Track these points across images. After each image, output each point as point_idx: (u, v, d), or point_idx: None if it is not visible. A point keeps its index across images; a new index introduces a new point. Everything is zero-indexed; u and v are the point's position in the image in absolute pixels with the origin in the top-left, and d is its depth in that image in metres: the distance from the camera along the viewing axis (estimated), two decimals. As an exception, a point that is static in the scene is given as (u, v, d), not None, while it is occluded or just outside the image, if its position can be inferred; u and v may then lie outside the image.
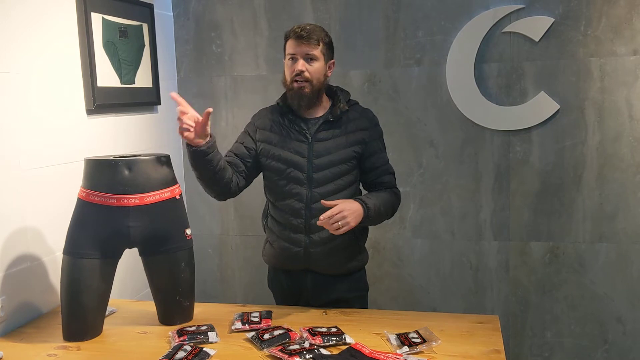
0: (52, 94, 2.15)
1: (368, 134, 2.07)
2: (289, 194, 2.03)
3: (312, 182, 2.02)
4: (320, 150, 2.02)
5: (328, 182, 2.02)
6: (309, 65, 1.98)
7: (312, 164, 2.01)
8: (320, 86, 2.02)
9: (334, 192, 2.02)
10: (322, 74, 2.02)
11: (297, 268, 2.10)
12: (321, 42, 1.99)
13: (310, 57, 1.98)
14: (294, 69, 1.98)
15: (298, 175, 2.02)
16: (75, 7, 2.28)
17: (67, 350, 1.76)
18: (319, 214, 1.96)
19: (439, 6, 2.75)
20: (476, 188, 2.83)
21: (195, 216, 3.13)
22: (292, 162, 2.03)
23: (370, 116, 2.12)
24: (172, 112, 3.04)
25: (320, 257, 2.05)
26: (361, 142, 2.05)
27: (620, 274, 2.73)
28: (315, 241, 2.03)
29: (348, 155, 2.03)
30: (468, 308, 2.89)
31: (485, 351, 1.67)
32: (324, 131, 2.03)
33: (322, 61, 2.00)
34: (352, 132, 2.05)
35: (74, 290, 1.80)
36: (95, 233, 1.81)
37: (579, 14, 2.61)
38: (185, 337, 1.75)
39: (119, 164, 1.81)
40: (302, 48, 1.97)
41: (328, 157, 2.02)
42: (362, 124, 2.07)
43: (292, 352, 1.61)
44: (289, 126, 2.05)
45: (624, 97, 2.62)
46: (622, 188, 2.67)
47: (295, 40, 1.97)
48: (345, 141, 2.03)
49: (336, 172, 2.02)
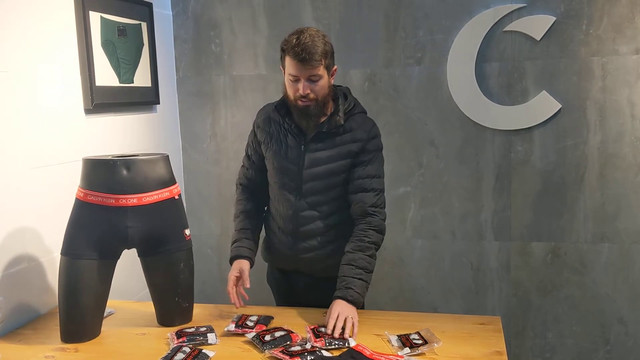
0: (50, 93, 2.14)
1: (361, 146, 1.96)
2: (281, 198, 2.03)
3: (301, 191, 2.00)
4: (312, 160, 1.98)
5: (317, 194, 2.00)
6: (313, 85, 1.87)
7: (302, 174, 1.99)
8: (325, 99, 1.94)
9: (322, 203, 2.00)
10: (326, 87, 1.91)
11: (290, 269, 2.11)
12: (323, 59, 1.85)
13: (313, 79, 1.87)
14: (297, 90, 1.88)
15: (289, 182, 2.01)
16: (74, 6, 2.27)
17: (65, 352, 1.74)
18: (307, 222, 1.99)
19: (439, 5, 2.74)
20: (477, 188, 2.81)
21: (194, 216, 3.12)
22: (285, 168, 2.01)
23: (369, 128, 1.99)
24: (170, 111, 3.03)
25: (308, 263, 2.06)
26: (352, 155, 1.96)
27: (622, 274, 2.72)
28: (304, 247, 2.04)
29: (339, 168, 1.97)
30: (469, 308, 2.88)
31: (487, 352, 1.66)
32: (318, 142, 1.97)
33: (325, 76, 1.89)
34: (346, 143, 1.96)
35: (72, 291, 1.79)
36: (94, 233, 1.79)
37: (581, 12, 2.60)
38: (184, 339, 1.74)
39: (118, 164, 1.80)
40: (305, 71, 1.85)
41: (319, 168, 1.97)
42: (358, 136, 1.97)
43: (294, 354, 1.60)
44: (287, 129, 2.02)
45: (626, 97, 2.61)
46: (623, 188, 2.66)
47: (296, 63, 1.84)
48: (337, 153, 1.96)
49: (326, 184, 1.99)
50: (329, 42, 1.91)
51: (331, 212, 2.02)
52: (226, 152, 3.05)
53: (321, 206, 1.99)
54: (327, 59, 1.89)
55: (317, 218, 2.01)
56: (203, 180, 3.12)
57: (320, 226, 2.01)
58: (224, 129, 3.04)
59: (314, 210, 2.00)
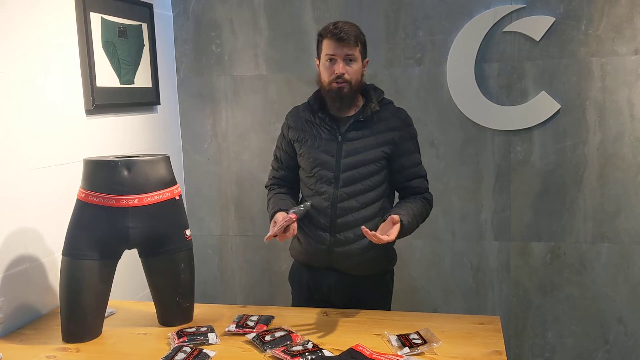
0: (51, 94, 2.14)
1: (398, 134, 2.03)
2: (316, 191, 2.03)
3: (339, 181, 2.01)
4: (349, 149, 2.01)
5: (355, 182, 2.01)
6: (348, 66, 1.95)
7: (340, 164, 2.01)
8: (358, 86, 2.01)
9: (361, 192, 2.01)
10: (360, 74, 2.00)
11: (321, 265, 2.09)
12: (359, 43, 1.97)
13: (349, 58, 1.95)
14: (334, 71, 1.95)
15: (326, 173, 2.02)
16: (75, 7, 2.27)
17: (66, 352, 1.75)
18: (345, 213, 2.00)
19: (439, 6, 2.74)
20: (477, 188, 2.82)
21: (195, 217, 3.12)
22: (320, 160, 2.02)
23: (403, 117, 2.08)
24: (171, 112, 3.04)
25: (343, 257, 2.04)
26: (391, 143, 2.02)
27: (622, 274, 2.72)
28: (340, 240, 2.02)
29: (377, 155, 2.01)
30: (469, 308, 2.88)
31: (486, 352, 1.66)
32: (354, 131, 2.02)
33: (360, 61, 1.99)
34: (382, 132, 2.02)
35: (73, 291, 1.79)
36: (95, 234, 1.80)
37: (580, 13, 2.61)
38: (185, 339, 1.75)
39: (118, 165, 1.80)
40: (342, 50, 1.94)
41: (357, 157, 2.00)
42: (394, 124, 2.04)
43: (295, 354, 1.61)
44: (320, 124, 2.05)
45: (625, 97, 2.61)
46: (623, 188, 2.67)
47: (334, 42, 1.93)
48: (374, 141, 2.01)
49: (364, 173, 2.01)
50: (364, 34, 2.02)
51: (369, 201, 2.03)
52: (227, 152, 3.05)
53: (359, 195, 2.00)
54: (362, 45, 2.00)
55: (355, 209, 2.01)
56: (204, 180, 3.13)
57: (358, 217, 2.01)
58: (225, 130, 3.05)
59: (352, 199, 2.01)
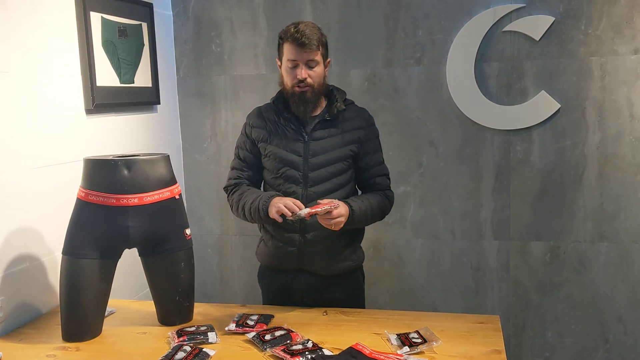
0: (51, 94, 2.14)
1: (364, 133, 2.07)
2: (284, 192, 2.03)
3: (307, 180, 2.01)
4: (316, 148, 2.02)
5: (324, 181, 2.02)
6: (311, 70, 1.97)
7: (308, 163, 2.01)
8: (321, 88, 2.02)
9: (330, 191, 2.02)
10: (322, 76, 2.02)
11: (291, 267, 2.09)
12: (321, 46, 1.97)
13: (311, 62, 1.97)
14: (296, 75, 1.96)
15: (294, 173, 2.02)
16: (75, 7, 2.27)
17: (66, 351, 1.75)
18: None
19: (439, 5, 2.74)
20: (476, 187, 2.82)
21: (194, 216, 3.12)
22: (287, 160, 2.02)
23: (367, 116, 2.12)
24: (171, 111, 3.04)
25: (314, 257, 2.05)
26: (357, 141, 2.05)
27: (621, 273, 2.73)
28: (310, 240, 2.03)
29: (344, 154, 2.03)
30: (468, 308, 2.88)
31: (486, 351, 1.66)
32: (320, 130, 2.04)
33: (321, 64, 2.00)
34: (348, 131, 2.05)
35: (73, 290, 1.80)
36: (95, 233, 1.80)
37: (580, 13, 2.61)
38: (184, 338, 1.75)
39: (118, 164, 1.80)
40: (304, 55, 1.94)
41: (325, 156, 2.02)
42: (358, 123, 2.08)
43: (295, 353, 1.61)
44: (285, 124, 2.05)
45: (625, 97, 2.61)
46: (622, 187, 2.67)
47: (296, 47, 1.94)
48: (341, 140, 2.04)
49: (332, 171, 2.02)
50: (324, 34, 2.03)
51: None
52: (227, 152, 3.05)
53: (328, 194, 2.01)
54: (323, 47, 2.01)
55: None
56: (203, 180, 3.13)
57: None
58: (225, 129, 3.05)
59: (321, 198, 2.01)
